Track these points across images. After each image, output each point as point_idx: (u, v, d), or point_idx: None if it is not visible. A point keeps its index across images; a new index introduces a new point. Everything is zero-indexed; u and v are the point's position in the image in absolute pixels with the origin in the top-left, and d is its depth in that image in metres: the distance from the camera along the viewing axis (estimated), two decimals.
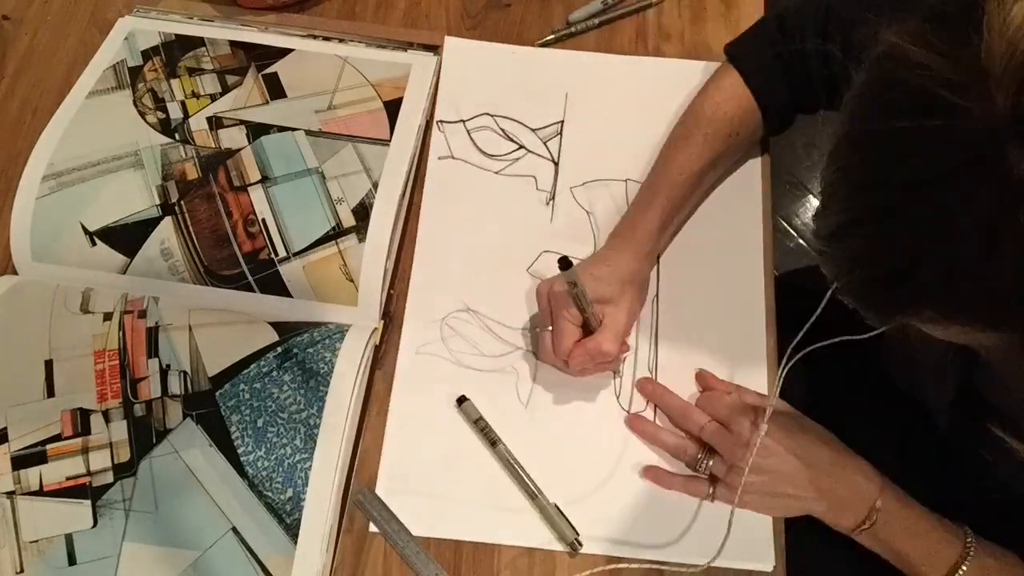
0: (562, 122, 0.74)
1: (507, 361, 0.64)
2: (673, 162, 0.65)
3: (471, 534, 0.58)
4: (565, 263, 0.55)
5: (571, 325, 0.60)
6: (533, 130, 0.74)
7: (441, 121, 0.74)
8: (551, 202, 0.71)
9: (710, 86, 0.67)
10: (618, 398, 0.63)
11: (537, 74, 0.76)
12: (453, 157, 0.72)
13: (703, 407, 0.61)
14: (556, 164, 0.72)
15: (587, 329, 0.61)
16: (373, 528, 0.58)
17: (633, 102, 0.75)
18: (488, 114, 0.74)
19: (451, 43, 0.77)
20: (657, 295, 0.67)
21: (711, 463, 0.59)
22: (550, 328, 0.61)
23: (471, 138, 0.73)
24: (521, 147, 0.73)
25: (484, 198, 0.70)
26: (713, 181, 0.69)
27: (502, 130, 0.73)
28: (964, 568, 0.54)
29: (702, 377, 0.64)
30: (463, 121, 0.74)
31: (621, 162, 0.72)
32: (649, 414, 0.63)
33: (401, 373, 0.63)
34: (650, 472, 0.60)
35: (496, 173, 0.72)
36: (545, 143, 0.73)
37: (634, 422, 0.62)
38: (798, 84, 0.64)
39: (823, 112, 0.66)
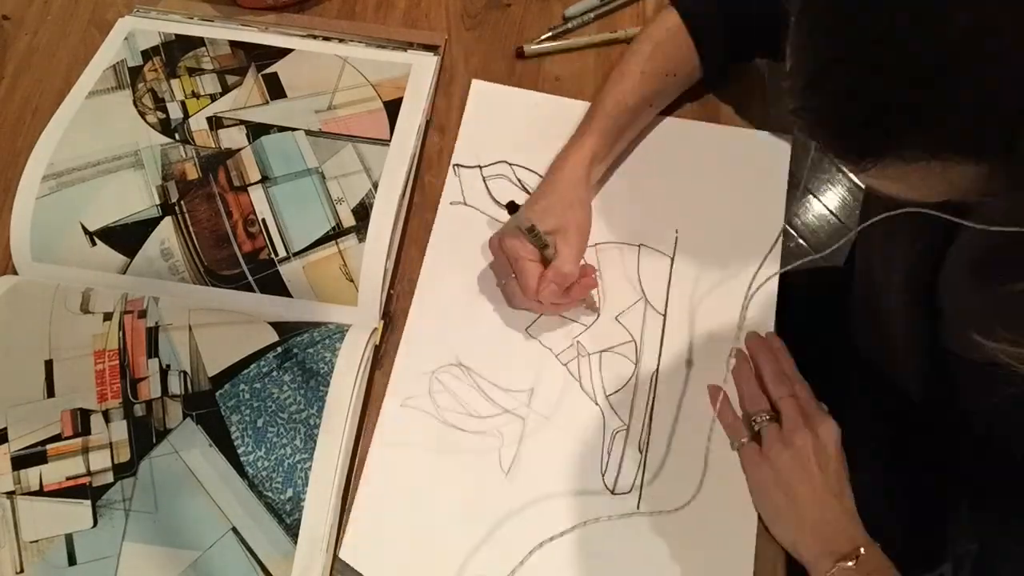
0: None
1: (494, 424, 0.61)
2: (609, 95, 0.67)
3: None
4: (513, 207, 0.56)
5: (531, 263, 0.62)
6: None
7: (458, 165, 0.72)
8: None
9: (651, 25, 0.70)
10: (603, 476, 0.60)
11: (561, 123, 0.71)
12: (465, 204, 0.70)
13: (796, 390, 0.61)
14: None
15: (547, 264, 0.62)
16: None
17: (652, 165, 0.72)
18: (506, 162, 0.72)
19: (477, 86, 0.75)
20: (657, 371, 0.64)
21: (766, 422, 0.59)
22: (513, 276, 0.63)
23: (486, 186, 0.71)
24: None
25: (490, 249, 0.67)
26: (650, 119, 0.71)
27: (519, 180, 0.71)
28: None
29: (768, 352, 0.63)
30: (480, 167, 0.72)
31: (635, 226, 0.69)
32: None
33: (383, 424, 0.61)
34: (714, 389, 0.61)
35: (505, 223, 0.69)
36: None
37: (738, 361, 0.63)
38: (737, 28, 0.67)
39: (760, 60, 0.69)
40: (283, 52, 0.75)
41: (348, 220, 0.65)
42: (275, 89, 0.72)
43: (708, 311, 0.66)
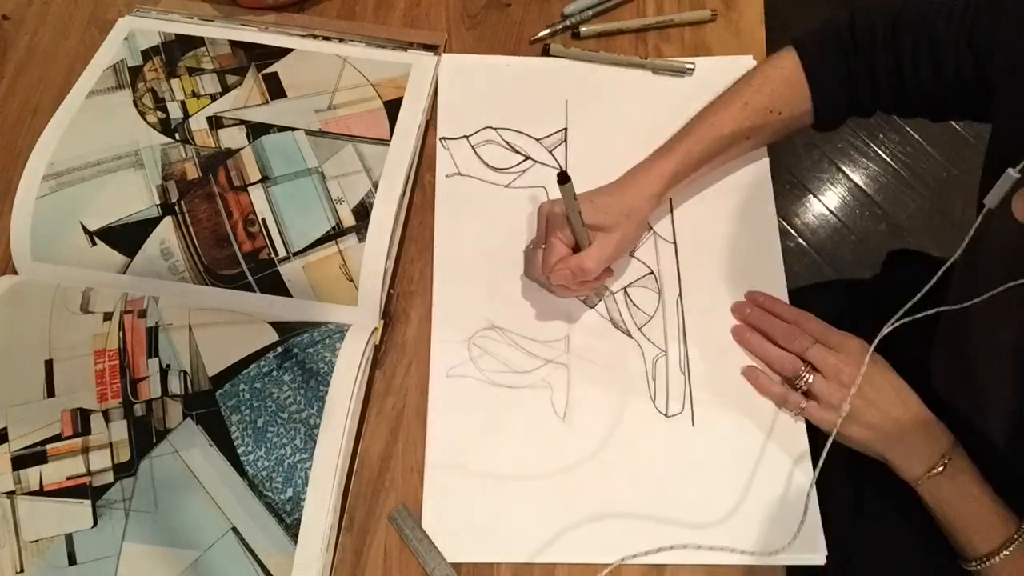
0: (565, 129, 0.74)
1: (539, 375, 0.64)
2: (705, 119, 0.66)
3: (512, 556, 0.58)
4: (564, 177, 0.56)
5: (561, 244, 0.62)
6: (537, 140, 0.73)
7: (444, 138, 0.73)
8: None
9: (768, 60, 0.68)
10: (654, 402, 0.63)
11: (535, 84, 0.76)
12: (460, 174, 0.72)
13: (807, 329, 0.63)
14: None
15: (576, 251, 0.62)
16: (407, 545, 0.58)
17: (635, 104, 0.75)
18: (491, 127, 0.74)
19: (448, 60, 0.77)
20: (680, 296, 0.67)
21: (811, 379, 0.61)
22: (543, 247, 0.63)
23: (476, 153, 0.73)
24: (528, 158, 0.73)
25: (496, 212, 0.70)
26: (744, 152, 0.70)
27: (506, 142, 0.73)
28: (1013, 547, 0.54)
29: (765, 301, 0.65)
30: (466, 137, 0.73)
31: (630, 164, 0.70)
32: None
33: (435, 399, 0.63)
34: (751, 372, 0.63)
35: (505, 187, 0.71)
36: (551, 152, 0.73)
37: (740, 332, 0.64)
38: (861, 84, 0.64)
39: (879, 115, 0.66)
40: (283, 52, 0.75)
41: (348, 220, 0.65)
42: (275, 89, 0.72)
43: (712, 231, 0.70)
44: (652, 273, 0.68)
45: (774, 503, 0.59)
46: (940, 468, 0.57)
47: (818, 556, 0.58)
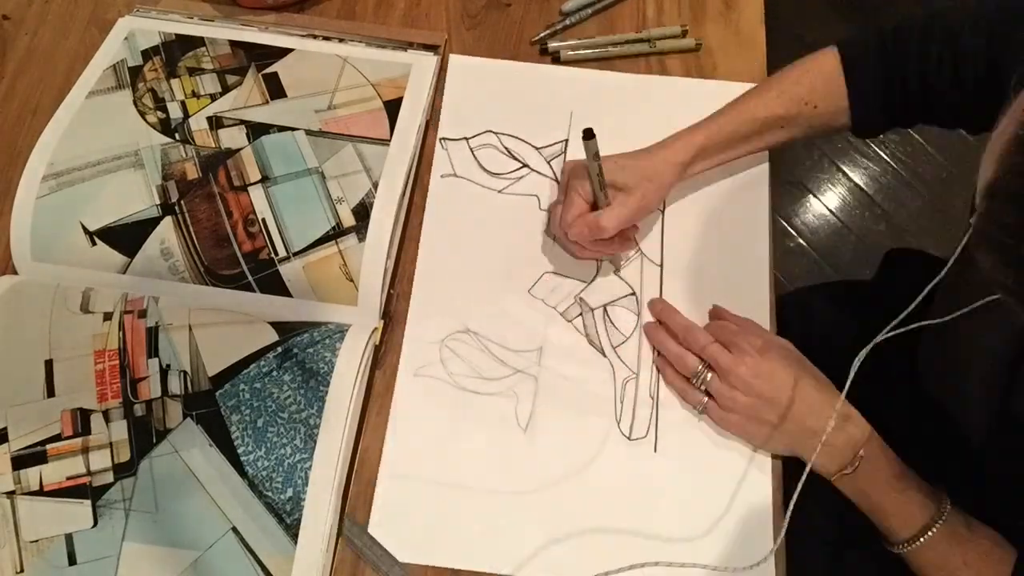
0: (566, 141, 0.73)
1: (507, 384, 0.63)
2: (739, 103, 0.66)
3: (468, 563, 0.57)
4: (589, 133, 0.56)
5: (580, 200, 0.63)
6: (537, 148, 0.73)
7: (444, 138, 0.73)
8: None
9: (809, 56, 0.66)
10: (619, 423, 0.62)
11: (542, 92, 0.75)
12: (456, 175, 0.72)
13: (710, 331, 0.62)
14: (559, 184, 0.71)
15: (594, 209, 0.63)
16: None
17: (639, 122, 0.71)
18: (492, 131, 0.73)
19: (455, 60, 0.77)
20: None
21: (708, 377, 0.60)
22: (562, 201, 0.64)
23: (474, 156, 0.72)
24: (524, 165, 0.72)
25: (486, 217, 0.70)
26: (778, 142, 0.68)
27: (506, 148, 0.73)
28: (934, 530, 0.55)
29: (716, 312, 0.65)
30: (466, 139, 0.73)
31: None
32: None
33: (399, 397, 0.62)
34: (660, 360, 0.63)
35: (499, 192, 0.71)
36: (549, 162, 0.72)
37: (648, 328, 0.65)
38: (901, 94, 0.63)
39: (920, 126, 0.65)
40: (283, 52, 0.75)
41: (348, 220, 0.65)
42: (275, 89, 0.72)
43: (701, 257, 0.69)
44: (634, 294, 0.67)
45: (732, 534, 0.58)
46: (855, 465, 0.57)
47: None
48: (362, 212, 0.66)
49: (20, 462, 0.57)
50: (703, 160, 0.66)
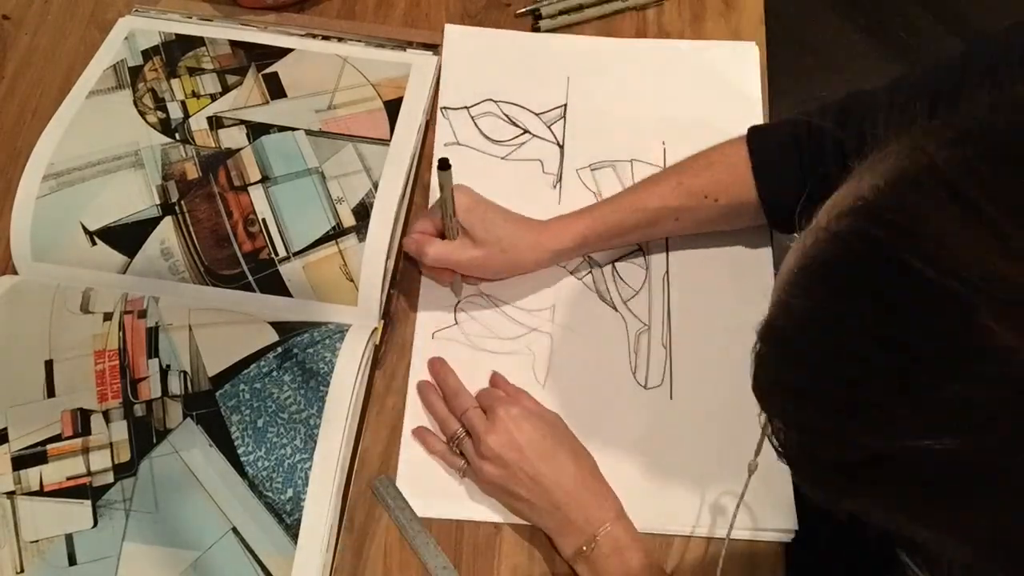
0: (565, 106, 0.75)
1: (523, 343, 0.65)
2: (636, 191, 0.64)
3: (481, 514, 0.59)
4: (444, 164, 0.55)
5: (428, 222, 0.62)
6: (537, 114, 0.74)
7: (445, 108, 0.74)
8: (558, 184, 0.72)
9: (718, 145, 0.63)
10: (634, 374, 0.64)
11: (538, 59, 0.77)
12: (459, 144, 0.73)
13: (479, 396, 0.61)
14: (561, 147, 0.73)
15: (440, 236, 0.62)
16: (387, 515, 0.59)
17: (634, 84, 0.76)
18: (491, 100, 0.75)
19: (451, 30, 0.78)
20: (668, 273, 0.68)
21: (464, 444, 0.59)
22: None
23: (475, 124, 0.74)
24: (526, 131, 0.74)
25: (492, 183, 0.69)
26: (673, 233, 0.66)
27: (506, 115, 0.74)
28: None
29: (493, 379, 0.63)
30: (467, 108, 0.74)
31: (625, 143, 0.73)
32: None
33: (417, 356, 0.64)
34: (419, 432, 0.61)
35: (502, 158, 0.73)
36: (549, 127, 0.74)
37: (420, 386, 0.63)
38: (809, 172, 0.59)
39: None
40: (283, 52, 0.75)
41: (348, 220, 0.65)
42: (275, 89, 0.72)
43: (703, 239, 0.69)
44: (640, 249, 0.68)
45: (752, 478, 0.58)
46: (588, 549, 0.54)
47: (789, 532, 0.58)
48: (362, 212, 0.66)
49: (20, 462, 0.57)
50: (586, 247, 0.64)
